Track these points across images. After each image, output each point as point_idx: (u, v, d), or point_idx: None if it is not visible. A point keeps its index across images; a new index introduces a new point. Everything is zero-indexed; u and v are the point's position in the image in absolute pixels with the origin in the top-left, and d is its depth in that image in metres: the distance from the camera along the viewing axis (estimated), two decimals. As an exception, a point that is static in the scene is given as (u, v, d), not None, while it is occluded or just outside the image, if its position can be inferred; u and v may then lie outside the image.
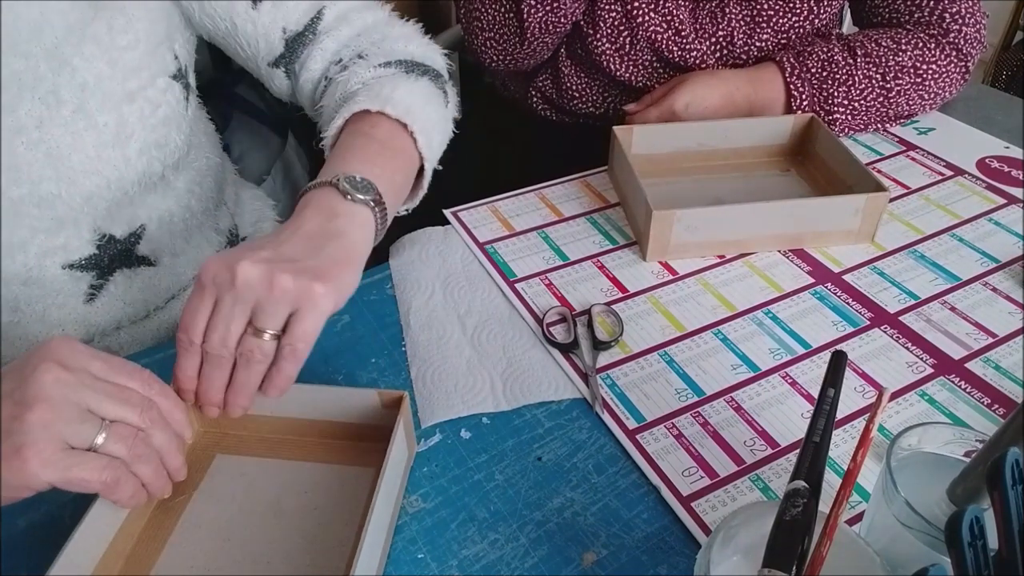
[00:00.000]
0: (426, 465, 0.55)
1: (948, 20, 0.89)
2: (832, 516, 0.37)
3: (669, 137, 0.84)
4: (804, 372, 0.61)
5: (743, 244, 0.74)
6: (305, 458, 0.54)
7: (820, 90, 0.87)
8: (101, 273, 0.68)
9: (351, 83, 0.67)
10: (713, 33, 0.92)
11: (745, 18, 0.92)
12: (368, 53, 0.70)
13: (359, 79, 0.67)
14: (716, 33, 0.92)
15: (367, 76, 0.67)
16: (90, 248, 0.66)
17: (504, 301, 0.69)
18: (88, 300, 0.69)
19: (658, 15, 0.91)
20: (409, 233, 0.77)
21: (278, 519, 0.50)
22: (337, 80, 0.69)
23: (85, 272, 0.67)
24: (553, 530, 0.50)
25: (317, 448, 0.55)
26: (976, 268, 0.72)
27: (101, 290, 0.69)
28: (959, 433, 0.44)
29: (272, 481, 0.53)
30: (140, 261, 0.71)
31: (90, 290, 0.68)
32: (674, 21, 0.91)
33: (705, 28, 0.92)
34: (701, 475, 0.53)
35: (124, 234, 0.68)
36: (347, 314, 0.68)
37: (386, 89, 0.64)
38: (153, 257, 0.72)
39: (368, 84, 0.66)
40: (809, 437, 0.42)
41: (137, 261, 0.71)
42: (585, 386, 0.60)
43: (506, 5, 0.91)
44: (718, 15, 0.92)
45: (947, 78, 0.90)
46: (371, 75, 0.67)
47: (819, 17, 0.92)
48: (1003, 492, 0.33)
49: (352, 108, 0.62)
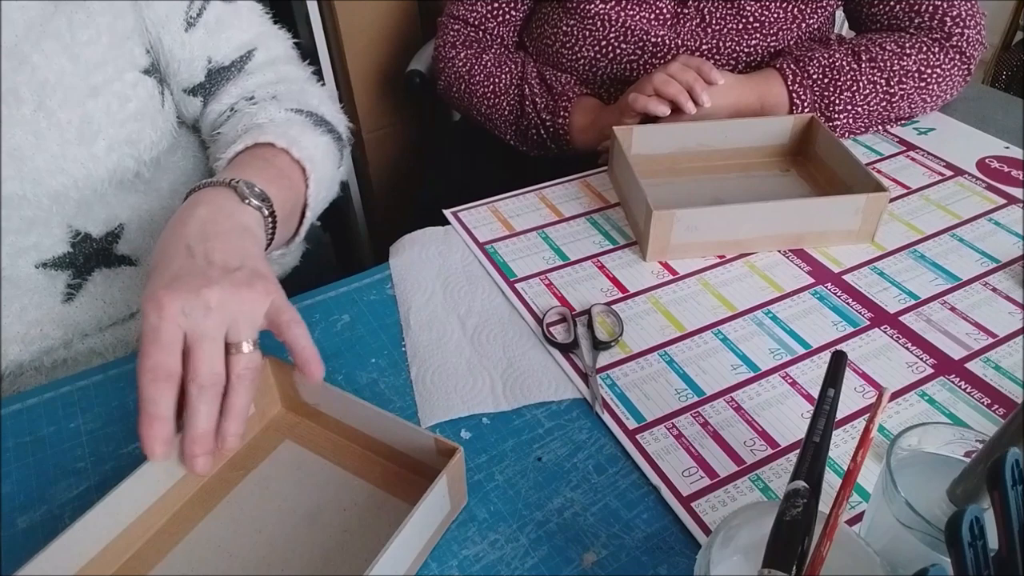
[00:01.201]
0: (426, 465, 0.55)
1: (950, 24, 0.89)
2: (832, 516, 0.37)
3: (669, 137, 0.85)
4: (804, 372, 0.61)
5: (743, 244, 0.74)
6: (359, 473, 0.53)
7: (822, 96, 0.87)
8: (78, 272, 0.68)
9: (259, 116, 0.68)
10: (697, 47, 0.93)
11: (732, 31, 0.92)
12: (282, 97, 0.71)
13: (267, 115, 0.68)
14: (700, 47, 0.93)
15: (277, 115, 0.68)
16: (64, 246, 0.66)
17: (504, 301, 0.69)
18: (66, 299, 0.68)
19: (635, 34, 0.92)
20: (409, 233, 0.77)
21: (310, 528, 0.50)
22: (243, 111, 0.70)
23: (60, 271, 0.67)
24: (553, 530, 0.50)
25: (375, 467, 0.53)
26: (976, 268, 0.72)
27: (80, 289, 0.69)
28: (959, 433, 0.44)
29: (322, 487, 0.52)
30: (120, 261, 0.70)
31: (68, 289, 0.68)
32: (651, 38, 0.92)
33: (688, 46, 0.93)
34: (701, 475, 0.53)
35: (101, 233, 0.68)
36: (347, 314, 0.68)
37: (293, 130, 0.65)
38: (134, 257, 0.72)
39: (276, 121, 0.67)
40: (809, 437, 0.42)
41: (117, 261, 0.70)
42: (585, 386, 0.60)
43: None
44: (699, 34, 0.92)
45: (950, 81, 0.91)
46: (281, 116, 0.68)
47: (806, 22, 0.93)
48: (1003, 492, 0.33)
49: (258, 137, 0.63)
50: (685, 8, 0.92)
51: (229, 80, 0.72)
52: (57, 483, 0.54)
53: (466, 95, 1.02)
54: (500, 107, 0.99)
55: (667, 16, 0.93)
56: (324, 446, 0.55)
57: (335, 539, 0.49)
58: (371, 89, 1.38)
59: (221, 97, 0.72)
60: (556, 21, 0.98)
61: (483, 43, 1.03)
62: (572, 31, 0.96)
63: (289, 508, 0.51)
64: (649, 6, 0.92)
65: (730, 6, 0.91)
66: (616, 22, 0.93)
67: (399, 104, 1.42)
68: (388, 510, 0.51)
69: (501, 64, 1.00)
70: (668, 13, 0.93)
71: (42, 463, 0.55)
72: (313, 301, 0.69)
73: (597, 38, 0.95)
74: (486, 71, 1.00)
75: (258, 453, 0.54)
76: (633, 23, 0.92)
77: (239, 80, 0.72)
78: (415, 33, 1.38)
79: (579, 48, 0.96)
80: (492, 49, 1.02)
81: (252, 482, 0.53)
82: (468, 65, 1.01)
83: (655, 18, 0.93)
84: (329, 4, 1.28)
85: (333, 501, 0.51)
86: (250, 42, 0.73)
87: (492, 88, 0.99)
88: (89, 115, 0.62)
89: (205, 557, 0.49)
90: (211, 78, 0.71)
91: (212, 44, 0.70)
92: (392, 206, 1.52)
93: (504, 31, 1.04)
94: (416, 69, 1.22)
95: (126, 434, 0.57)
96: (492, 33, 1.04)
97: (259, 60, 0.73)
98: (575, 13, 0.95)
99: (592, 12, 0.93)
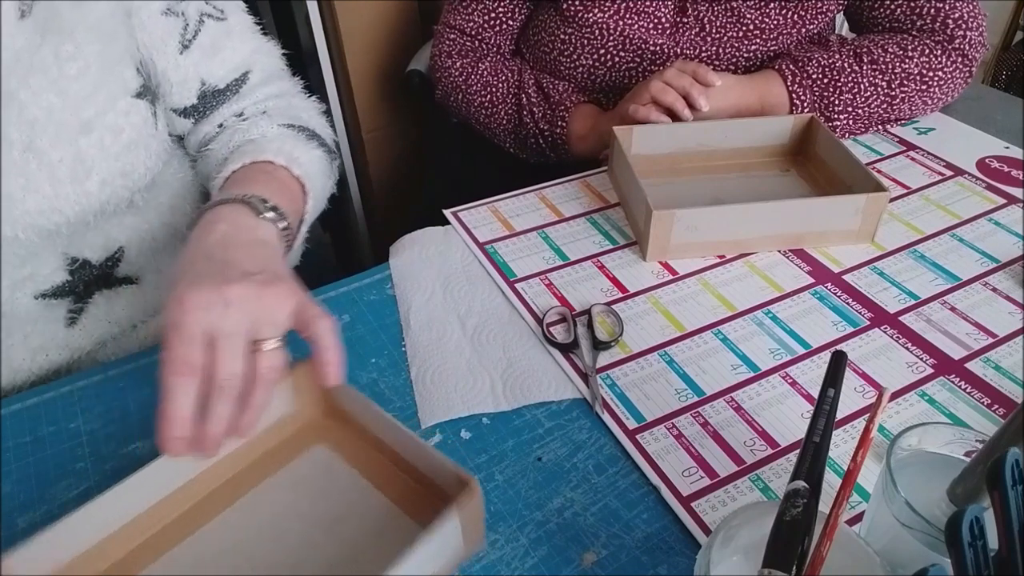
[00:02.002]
0: (426, 465, 0.55)
1: (952, 26, 0.89)
2: (832, 516, 0.37)
3: (669, 137, 0.84)
4: (804, 372, 0.61)
5: (743, 244, 0.74)
6: (382, 487, 0.52)
7: (821, 97, 0.87)
8: (78, 298, 0.67)
9: (251, 132, 0.67)
10: (697, 55, 0.93)
11: (731, 39, 0.92)
12: (272, 112, 0.70)
13: (259, 131, 0.67)
14: (700, 55, 0.93)
15: (269, 131, 0.67)
16: (62, 275, 0.64)
17: (504, 301, 0.69)
18: (69, 324, 0.67)
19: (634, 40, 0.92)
20: (409, 233, 0.77)
21: (324, 537, 0.49)
22: (234, 128, 0.69)
23: (60, 299, 0.66)
24: (553, 530, 0.50)
25: (398, 483, 0.52)
26: (976, 268, 0.72)
27: (82, 313, 0.68)
28: (959, 433, 0.44)
29: (343, 497, 0.51)
30: (121, 282, 0.69)
31: (69, 315, 0.67)
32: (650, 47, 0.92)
33: (687, 54, 0.92)
34: (701, 475, 0.53)
35: (100, 259, 0.66)
36: (347, 314, 0.68)
37: (288, 146, 0.65)
38: (135, 276, 0.71)
39: (268, 137, 0.66)
40: (809, 437, 0.42)
41: (117, 282, 0.69)
42: (585, 386, 0.60)
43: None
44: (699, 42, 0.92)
45: (952, 83, 0.91)
46: (274, 131, 0.67)
47: (806, 27, 0.92)
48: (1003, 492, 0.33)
49: (257, 156, 0.62)
50: (684, 16, 0.92)
51: (223, 103, 0.70)
52: (57, 483, 0.54)
53: (464, 104, 1.02)
54: (498, 117, 0.99)
55: (666, 24, 0.92)
56: (354, 455, 0.54)
57: (343, 553, 0.48)
58: (371, 89, 1.38)
59: (213, 118, 0.70)
60: (554, 29, 0.97)
61: (479, 52, 1.03)
62: (570, 39, 0.95)
63: (306, 514, 0.51)
64: (648, 15, 0.92)
65: (730, 13, 0.91)
66: (615, 31, 0.92)
67: (399, 104, 1.42)
68: (402, 532, 0.49)
69: (498, 73, 0.99)
70: (667, 21, 0.92)
71: (42, 463, 0.55)
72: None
73: (596, 46, 0.94)
74: (483, 81, 0.99)
75: (288, 453, 0.54)
76: (632, 32, 0.92)
77: (232, 102, 0.71)
78: (415, 33, 1.38)
79: (577, 56, 0.96)
80: (488, 58, 1.02)
81: (277, 482, 0.52)
82: (464, 75, 1.01)
83: (654, 27, 0.92)
84: (329, 4, 1.28)
85: (350, 513, 0.51)
86: (243, 63, 0.71)
87: (489, 98, 0.99)
88: (82, 153, 0.59)
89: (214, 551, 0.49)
90: (204, 100, 0.69)
91: (206, 67, 0.68)
92: (392, 206, 1.52)
93: (501, 40, 1.03)
94: (416, 69, 1.22)
95: (126, 434, 0.57)
96: (489, 42, 1.03)
97: (253, 82, 0.71)
98: (573, 21, 0.94)
99: (591, 21, 0.93)
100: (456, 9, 1.02)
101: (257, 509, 0.51)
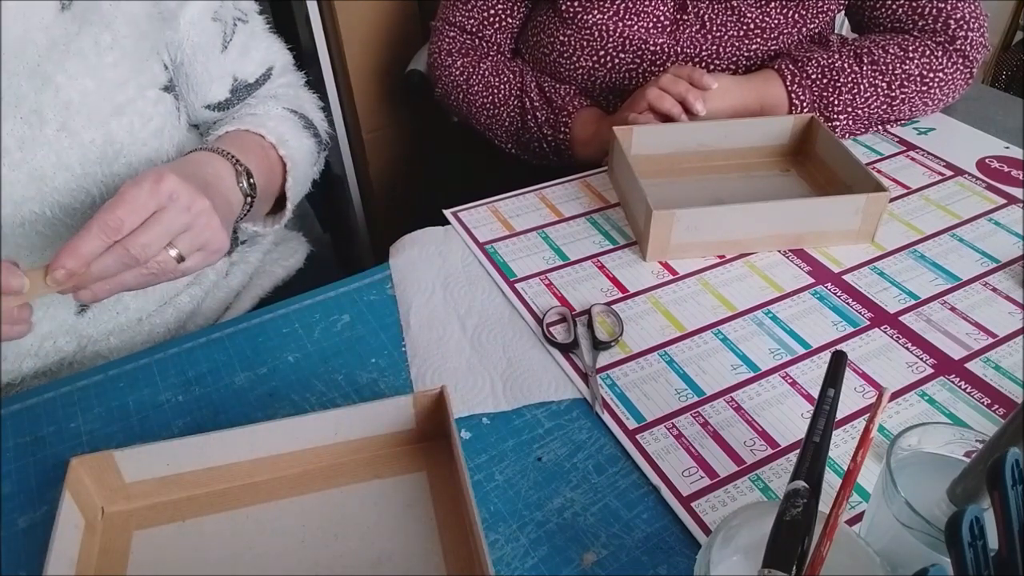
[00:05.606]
0: (426, 465, 0.55)
1: (954, 27, 0.89)
2: (832, 516, 0.37)
3: (669, 137, 0.84)
4: (804, 372, 0.61)
5: (743, 244, 0.74)
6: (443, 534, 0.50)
7: (821, 97, 0.87)
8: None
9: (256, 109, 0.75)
10: (697, 54, 0.92)
11: (732, 37, 0.92)
12: (281, 97, 0.78)
13: (264, 108, 0.75)
14: (700, 54, 0.92)
15: (273, 110, 0.75)
16: None
17: (504, 301, 0.69)
18: (79, 312, 0.69)
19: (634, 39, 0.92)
20: (409, 233, 0.77)
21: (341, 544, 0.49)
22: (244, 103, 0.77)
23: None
24: (553, 530, 0.50)
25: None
26: (976, 268, 0.72)
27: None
28: (959, 433, 0.44)
29: (405, 529, 0.50)
30: None
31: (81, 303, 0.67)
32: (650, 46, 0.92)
33: (687, 53, 0.92)
34: (701, 475, 0.53)
35: None
36: (347, 314, 0.68)
37: (283, 127, 0.73)
38: None
39: (271, 115, 0.74)
40: (809, 437, 0.42)
41: None
42: (585, 386, 0.60)
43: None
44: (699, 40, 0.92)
45: (952, 84, 0.90)
46: (277, 112, 0.75)
47: (807, 26, 0.92)
48: (1003, 492, 0.33)
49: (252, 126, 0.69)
50: (685, 14, 0.92)
51: (250, 95, 0.78)
52: (57, 483, 0.54)
53: (464, 104, 1.01)
54: (500, 118, 0.99)
55: (666, 24, 0.92)
56: (443, 491, 0.52)
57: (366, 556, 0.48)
58: (371, 89, 1.38)
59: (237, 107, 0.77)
60: (552, 31, 0.97)
61: (480, 51, 1.02)
62: (569, 41, 0.95)
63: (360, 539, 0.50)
64: (648, 15, 0.91)
65: (730, 12, 0.91)
66: (614, 32, 0.92)
67: (399, 104, 1.42)
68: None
69: (499, 74, 0.99)
70: (667, 21, 0.92)
71: (42, 463, 0.55)
72: (313, 301, 0.69)
73: (595, 48, 0.94)
74: (484, 81, 0.99)
75: (390, 471, 0.54)
76: (631, 32, 0.91)
77: (257, 93, 0.78)
78: (415, 33, 1.38)
79: (577, 58, 0.95)
80: (489, 57, 1.01)
81: (356, 491, 0.52)
82: (465, 74, 1.00)
83: (654, 26, 0.92)
84: (329, 4, 1.28)
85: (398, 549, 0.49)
86: (266, 58, 0.78)
87: (491, 99, 0.99)
88: (112, 135, 0.63)
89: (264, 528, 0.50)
90: (235, 94, 0.76)
91: (240, 64, 0.75)
92: (392, 206, 1.52)
93: (501, 38, 1.03)
94: (416, 69, 1.22)
95: (126, 434, 0.57)
96: (489, 40, 1.02)
97: (275, 74, 0.79)
98: (572, 23, 0.94)
99: (590, 23, 0.92)
100: (455, 5, 1.02)
101: (326, 506, 0.52)
